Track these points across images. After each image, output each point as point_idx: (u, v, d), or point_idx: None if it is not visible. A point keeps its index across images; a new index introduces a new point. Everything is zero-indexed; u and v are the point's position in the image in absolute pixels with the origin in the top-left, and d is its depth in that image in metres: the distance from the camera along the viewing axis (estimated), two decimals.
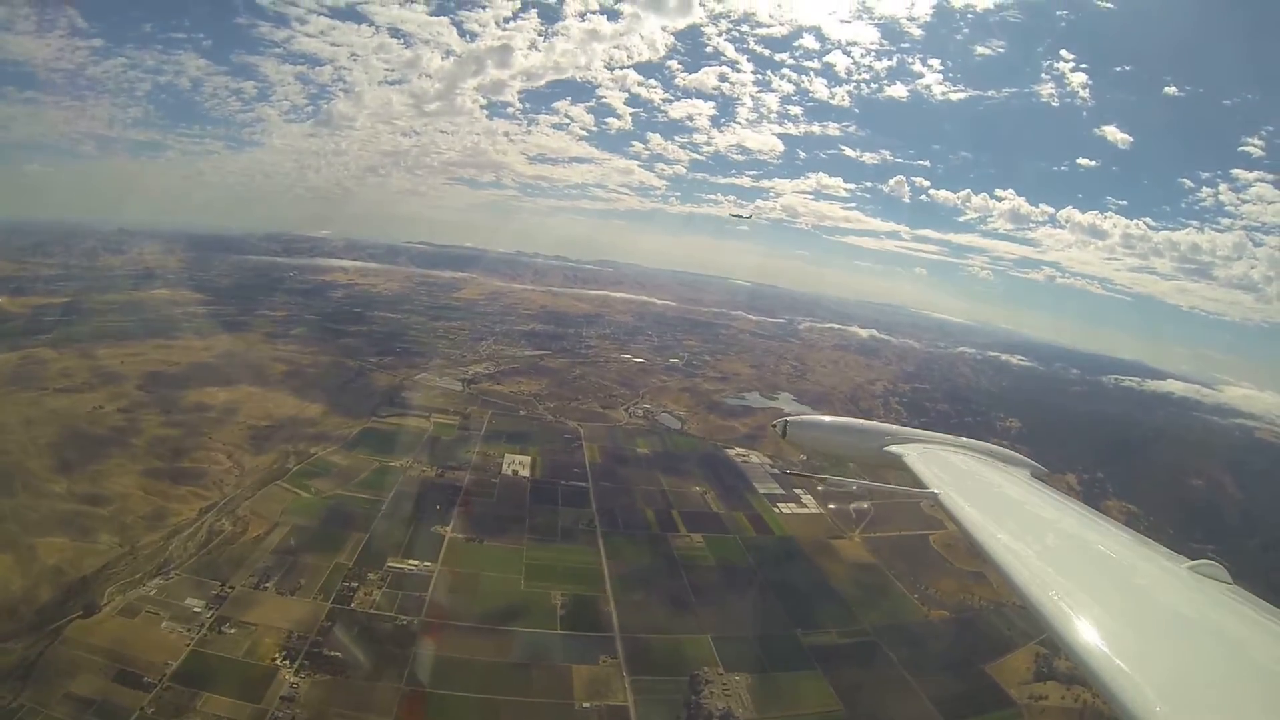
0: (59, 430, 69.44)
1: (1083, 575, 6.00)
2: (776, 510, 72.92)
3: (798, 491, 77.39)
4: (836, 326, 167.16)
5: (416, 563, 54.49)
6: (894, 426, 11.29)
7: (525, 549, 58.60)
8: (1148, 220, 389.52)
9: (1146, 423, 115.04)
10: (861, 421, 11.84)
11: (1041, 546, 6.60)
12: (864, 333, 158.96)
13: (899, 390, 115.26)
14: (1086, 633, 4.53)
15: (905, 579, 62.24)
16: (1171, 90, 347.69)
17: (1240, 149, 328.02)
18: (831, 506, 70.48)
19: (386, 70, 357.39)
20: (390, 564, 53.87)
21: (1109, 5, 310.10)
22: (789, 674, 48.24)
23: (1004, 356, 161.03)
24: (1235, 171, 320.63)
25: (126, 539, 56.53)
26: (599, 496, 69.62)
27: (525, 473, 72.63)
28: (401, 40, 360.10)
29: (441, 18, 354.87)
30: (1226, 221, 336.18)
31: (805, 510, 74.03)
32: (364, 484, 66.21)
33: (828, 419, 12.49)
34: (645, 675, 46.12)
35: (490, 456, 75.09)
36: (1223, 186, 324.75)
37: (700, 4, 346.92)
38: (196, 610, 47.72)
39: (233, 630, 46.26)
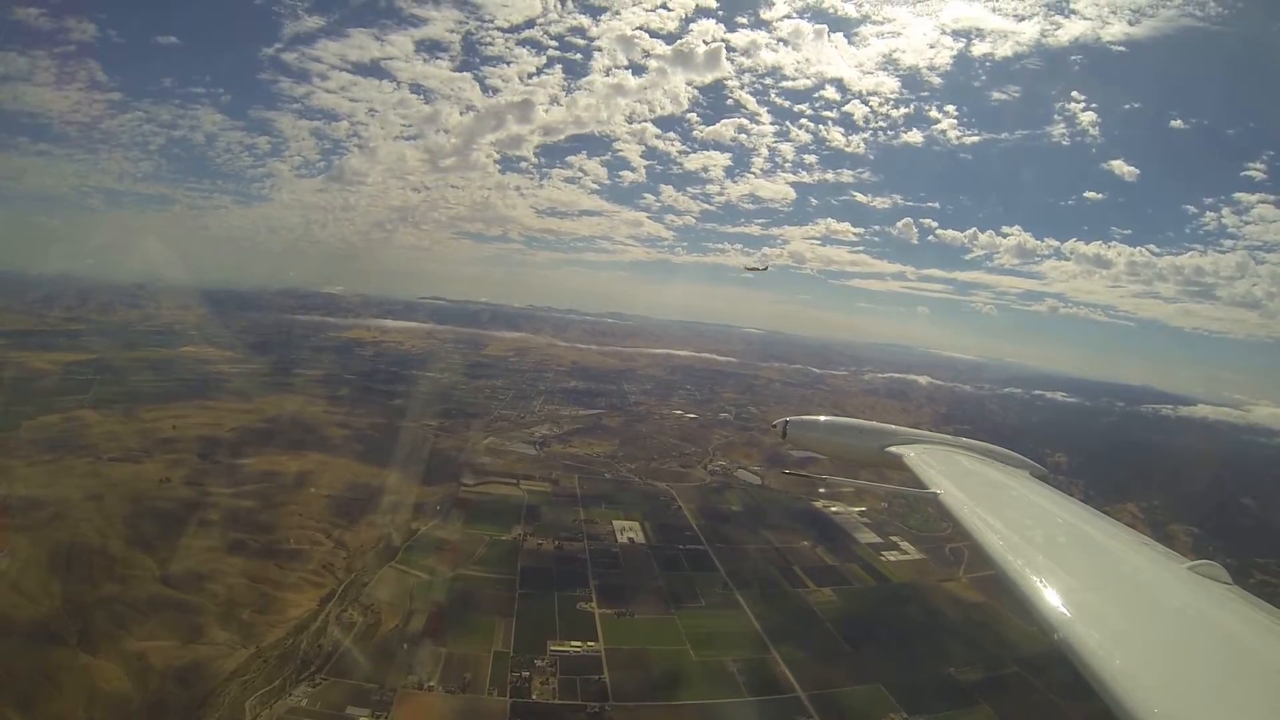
0: (129, 505, 63.00)
1: (1083, 575, 5.97)
2: (883, 559, 73.82)
3: (894, 539, 78.99)
4: (897, 376, 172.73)
5: (579, 644, 51.41)
6: (894, 427, 11.23)
7: (678, 618, 56.62)
8: (1151, 247, 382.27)
9: (1190, 448, 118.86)
10: (862, 422, 11.61)
11: (1042, 546, 6.51)
12: (923, 379, 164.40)
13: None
14: (1086, 632, 4.57)
15: (1016, 611, 63.75)
16: (1178, 123, 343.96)
17: (1243, 174, 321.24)
18: None
19: (404, 126, 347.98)
20: (553, 648, 50.73)
21: (1121, 49, 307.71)
22: (961, 711, 49.02)
23: (1050, 394, 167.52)
24: (1238, 195, 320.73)
25: (247, 636, 51.22)
26: (720, 558, 68.46)
27: (640, 539, 70.62)
28: (421, 96, 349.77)
29: (465, 73, 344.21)
30: (1229, 243, 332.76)
31: (908, 557, 75.26)
32: (484, 561, 62.62)
33: (829, 419, 12.22)
34: None
35: (597, 524, 72.90)
36: (1225, 210, 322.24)
37: (728, 59, 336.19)
38: None
39: None
